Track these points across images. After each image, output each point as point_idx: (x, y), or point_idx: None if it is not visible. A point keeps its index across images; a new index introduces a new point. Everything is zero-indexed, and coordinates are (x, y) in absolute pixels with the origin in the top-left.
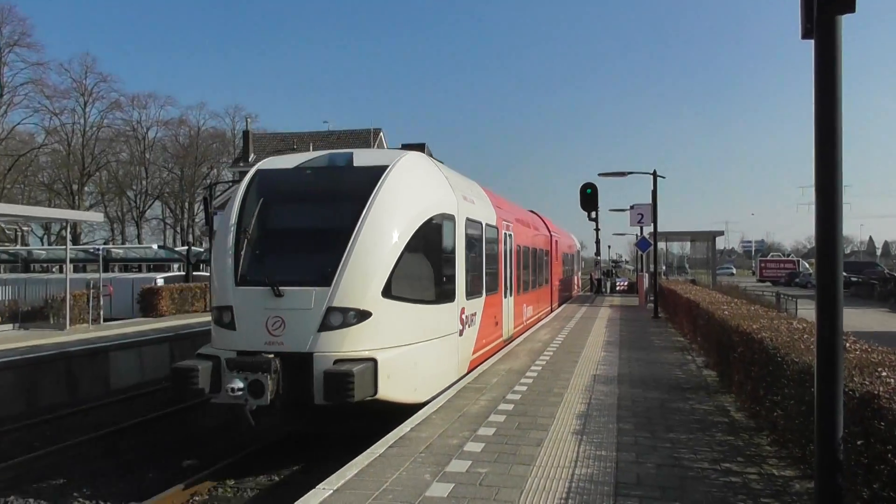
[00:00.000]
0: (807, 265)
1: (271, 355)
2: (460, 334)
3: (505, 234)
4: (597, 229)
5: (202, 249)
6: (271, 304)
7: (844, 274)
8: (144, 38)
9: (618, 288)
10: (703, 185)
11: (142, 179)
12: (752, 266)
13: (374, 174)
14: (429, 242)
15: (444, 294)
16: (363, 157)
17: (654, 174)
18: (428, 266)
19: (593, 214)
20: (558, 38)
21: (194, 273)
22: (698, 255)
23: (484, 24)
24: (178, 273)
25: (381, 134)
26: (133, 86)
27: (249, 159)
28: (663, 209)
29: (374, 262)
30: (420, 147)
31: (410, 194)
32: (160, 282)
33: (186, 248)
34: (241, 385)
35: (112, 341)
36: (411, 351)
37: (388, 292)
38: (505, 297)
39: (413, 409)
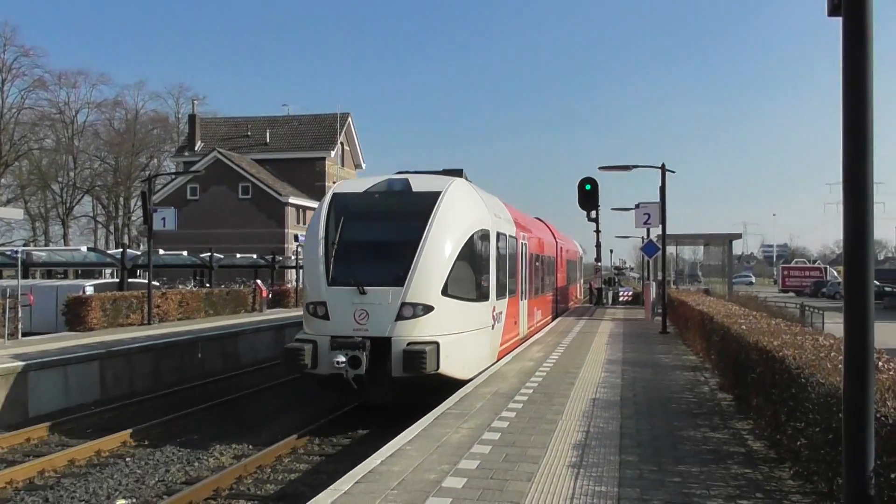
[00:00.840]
0: (835, 273)
1: (360, 339)
2: (492, 328)
3: (521, 243)
4: (597, 231)
5: (139, 252)
6: (357, 300)
7: (876, 283)
8: (74, 6)
9: (621, 298)
10: (717, 182)
11: (69, 170)
12: (774, 274)
13: (431, 198)
14: (472, 253)
15: (482, 294)
16: (419, 183)
17: (663, 168)
18: (471, 272)
19: (593, 214)
20: (553, 17)
21: (130, 280)
22: (712, 261)
23: (467, 1)
24: (110, 280)
25: (350, 119)
26: (60, 62)
27: (196, 147)
28: (673, 208)
29: (436, 268)
30: (458, 172)
31: (459, 214)
32: (89, 290)
33: (121, 250)
34: (343, 359)
35: (32, 359)
36: (462, 338)
37: (445, 291)
38: (521, 299)
39: (460, 384)
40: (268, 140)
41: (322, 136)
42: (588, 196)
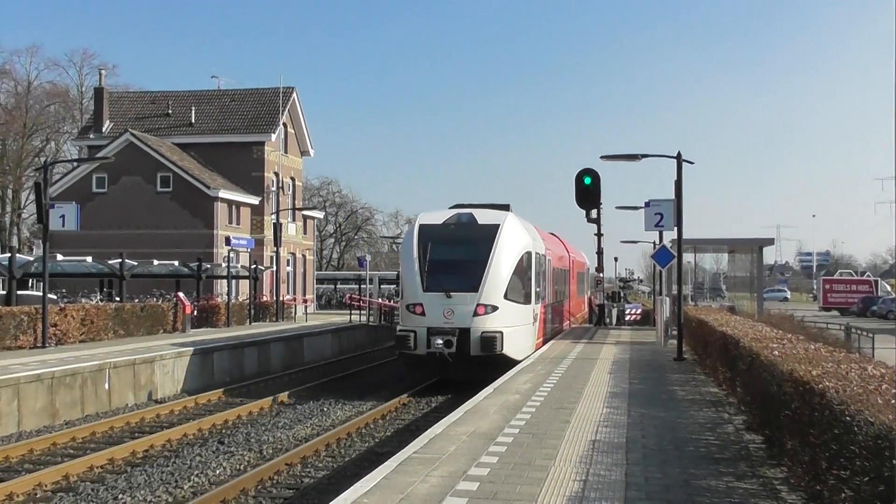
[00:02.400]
0: (888, 287)
1: (449, 328)
2: (533, 325)
3: (547, 258)
4: (598, 234)
5: (32, 258)
6: (445, 302)
7: None
8: None
9: (628, 317)
10: (745, 176)
11: None
12: (813, 288)
13: (493, 229)
14: (521, 268)
15: (528, 299)
16: (482, 217)
17: (679, 158)
18: (521, 282)
19: (593, 213)
20: None
21: (20, 293)
22: (739, 272)
23: None
24: None
25: (295, 95)
26: None
27: (104, 128)
28: (690, 208)
29: (499, 279)
30: (506, 206)
31: (513, 241)
32: None
33: (8, 255)
34: (441, 342)
35: None
36: (516, 329)
37: (506, 296)
38: (546, 304)
39: (514, 363)
40: (193, 120)
41: (260, 115)
42: (587, 191)
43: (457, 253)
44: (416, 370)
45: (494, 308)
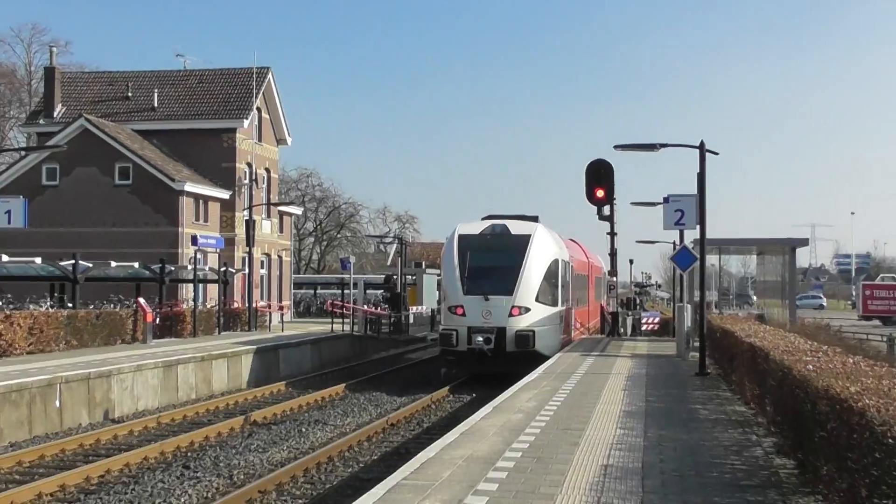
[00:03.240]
0: None
1: (488, 327)
2: (559, 325)
3: (570, 265)
4: (612, 234)
5: None
6: (483, 304)
7: None
8: None
9: (644, 327)
10: (775, 170)
11: None
12: (852, 294)
13: (525, 239)
14: (550, 273)
15: (555, 301)
16: (514, 227)
17: (702, 148)
18: (550, 286)
19: (606, 209)
20: None
21: None
22: (769, 276)
23: None
24: None
25: (270, 76)
26: None
27: (56, 113)
28: (715, 204)
29: (531, 283)
30: (535, 218)
31: (543, 249)
32: None
33: None
34: (481, 339)
35: None
36: (546, 328)
37: (537, 299)
38: (569, 308)
39: (544, 358)
40: (156, 104)
41: (231, 98)
42: (599, 185)
43: (493, 260)
44: (456, 365)
45: (527, 309)
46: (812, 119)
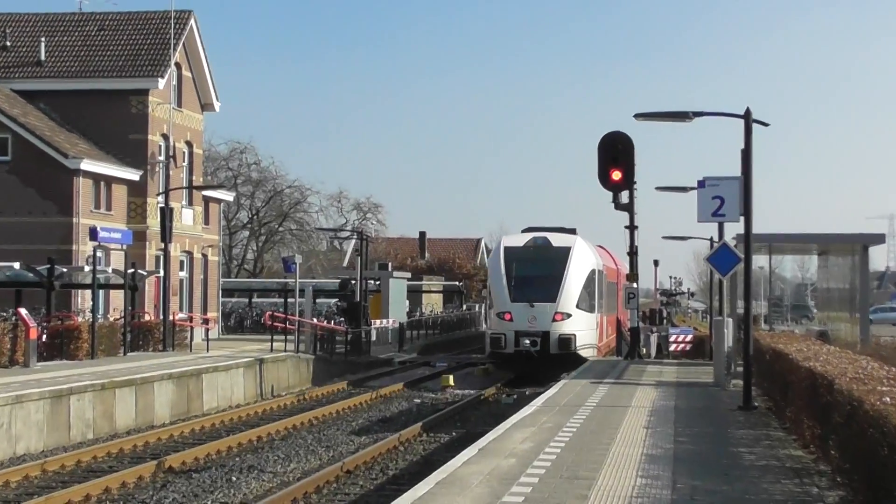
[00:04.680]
0: None
1: (534, 331)
2: (595, 330)
3: (602, 272)
4: (631, 227)
5: None
6: (529, 310)
7: None
8: None
9: (673, 347)
10: (842, 148)
11: None
12: None
13: (566, 250)
14: (588, 282)
15: (592, 308)
16: (555, 240)
17: (748, 118)
18: (588, 293)
19: (624, 195)
20: None
21: None
22: (833, 282)
23: None
24: None
25: (193, 21)
26: None
27: None
28: (764, 190)
29: (572, 291)
30: (573, 230)
31: (582, 260)
32: None
33: None
34: (528, 342)
35: None
36: (585, 332)
37: (577, 305)
38: (604, 314)
39: (583, 360)
40: (42, 57)
41: (143, 51)
42: (616, 165)
43: (537, 270)
44: (505, 366)
45: (569, 315)
46: (887, 78)
